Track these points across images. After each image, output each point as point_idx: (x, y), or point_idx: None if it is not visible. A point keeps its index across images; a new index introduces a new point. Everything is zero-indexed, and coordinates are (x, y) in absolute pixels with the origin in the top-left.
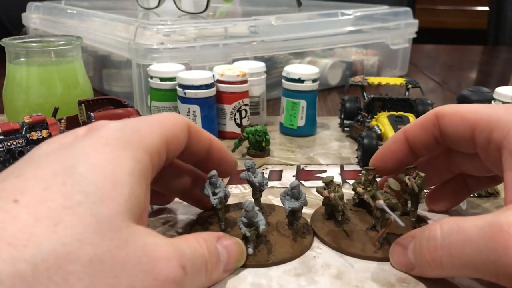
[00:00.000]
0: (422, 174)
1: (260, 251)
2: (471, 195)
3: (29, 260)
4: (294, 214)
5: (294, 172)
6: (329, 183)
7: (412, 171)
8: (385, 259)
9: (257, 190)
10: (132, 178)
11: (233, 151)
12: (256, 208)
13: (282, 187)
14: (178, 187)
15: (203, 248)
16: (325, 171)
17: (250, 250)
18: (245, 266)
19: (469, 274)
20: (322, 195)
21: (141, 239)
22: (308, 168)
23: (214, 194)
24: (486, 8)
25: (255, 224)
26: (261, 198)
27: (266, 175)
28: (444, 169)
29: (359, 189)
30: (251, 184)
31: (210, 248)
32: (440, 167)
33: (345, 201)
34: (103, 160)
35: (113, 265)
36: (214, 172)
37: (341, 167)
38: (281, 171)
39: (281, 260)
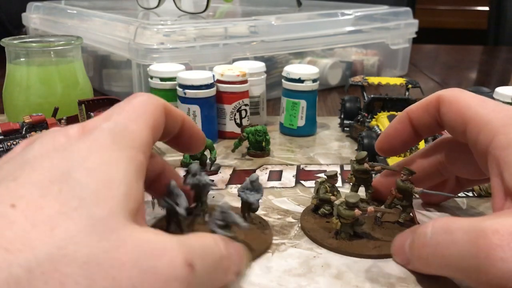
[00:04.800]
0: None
1: None
2: (471, 195)
3: (24, 264)
4: (249, 207)
5: (294, 172)
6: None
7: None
8: None
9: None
10: (127, 177)
11: (233, 151)
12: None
13: (282, 187)
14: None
15: (218, 245)
16: (325, 171)
17: None
18: None
19: (453, 275)
20: (346, 215)
21: (139, 237)
22: (308, 168)
23: (177, 204)
24: (486, 8)
25: (234, 225)
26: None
27: (266, 175)
28: (437, 174)
29: (333, 197)
30: (196, 186)
31: (227, 247)
32: (433, 173)
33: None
34: (97, 163)
35: (111, 266)
36: (173, 183)
37: (341, 167)
38: (281, 171)
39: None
